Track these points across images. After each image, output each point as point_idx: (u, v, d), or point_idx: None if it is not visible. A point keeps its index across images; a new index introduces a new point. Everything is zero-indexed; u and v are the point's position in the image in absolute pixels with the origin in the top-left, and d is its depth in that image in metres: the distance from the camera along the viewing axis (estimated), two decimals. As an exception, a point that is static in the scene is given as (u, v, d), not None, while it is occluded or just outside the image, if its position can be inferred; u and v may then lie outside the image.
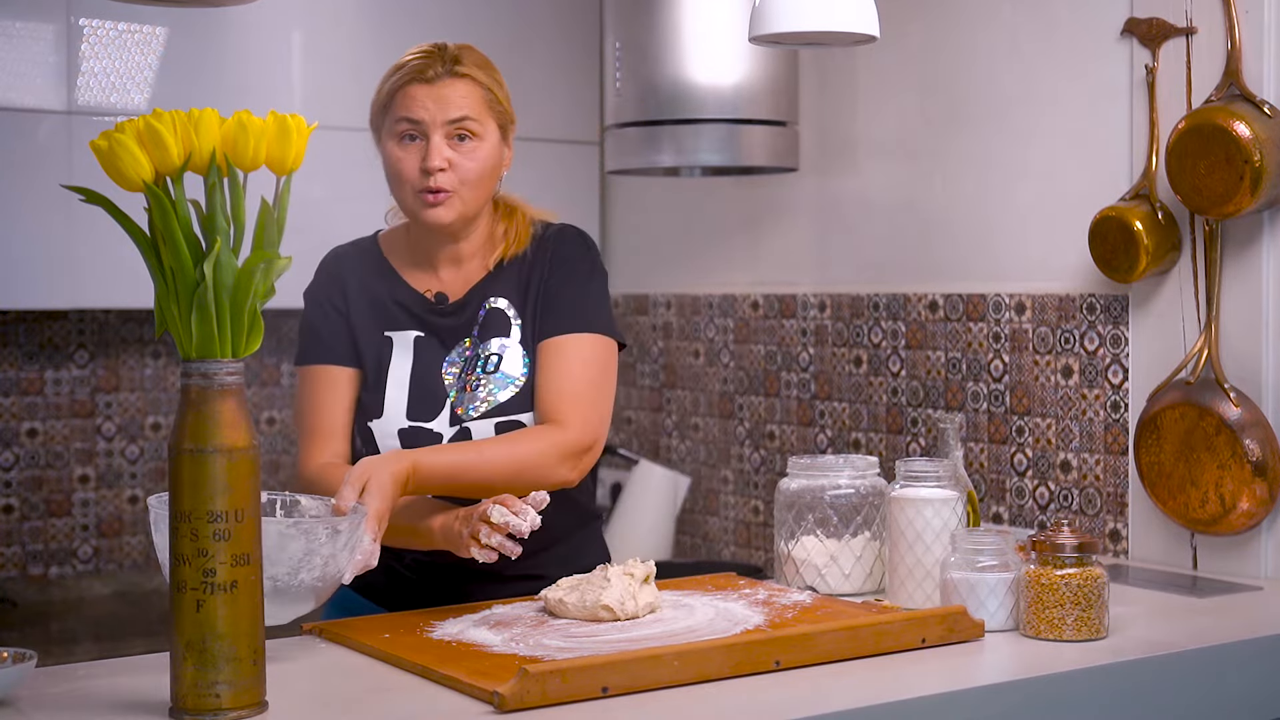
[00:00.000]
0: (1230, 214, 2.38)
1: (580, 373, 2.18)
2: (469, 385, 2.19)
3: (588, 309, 2.22)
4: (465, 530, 2.00)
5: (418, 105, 2.14)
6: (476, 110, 2.16)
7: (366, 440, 2.19)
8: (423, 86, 2.14)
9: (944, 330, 2.98)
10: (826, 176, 3.28)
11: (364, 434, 2.20)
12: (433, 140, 2.13)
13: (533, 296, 2.22)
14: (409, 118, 2.14)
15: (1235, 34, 2.42)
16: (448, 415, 2.18)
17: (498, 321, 2.22)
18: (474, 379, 2.20)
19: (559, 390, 2.17)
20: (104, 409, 3.58)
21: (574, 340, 2.19)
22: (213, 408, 1.59)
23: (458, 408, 2.18)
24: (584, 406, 2.16)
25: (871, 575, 2.29)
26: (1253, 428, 2.39)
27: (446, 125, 2.14)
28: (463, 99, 2.15)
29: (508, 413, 2.18)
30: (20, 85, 3.16)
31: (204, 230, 1.60)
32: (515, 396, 2.19)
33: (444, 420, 2.18)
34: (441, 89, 2.14)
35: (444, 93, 2.14)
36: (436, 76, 2.14)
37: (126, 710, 1.66)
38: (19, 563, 3.49)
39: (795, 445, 3.34)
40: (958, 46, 2.96)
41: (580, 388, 2.17)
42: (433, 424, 2.18)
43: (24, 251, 3.16)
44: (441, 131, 2.14)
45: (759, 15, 2.25)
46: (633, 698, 1.68)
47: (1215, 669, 1.99)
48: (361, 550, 1.91)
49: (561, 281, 2.22)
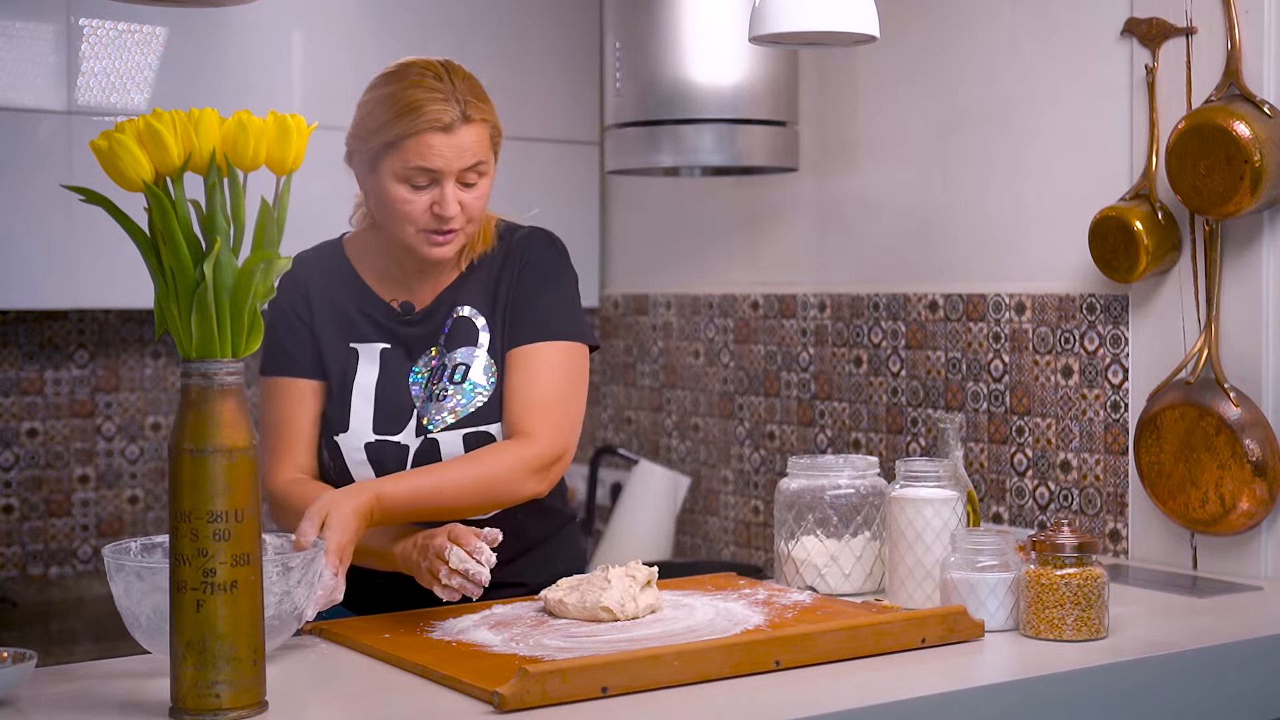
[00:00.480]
0: (1230, 214, 2.38)
1: (549, 381, 2.15)
2: (435, 395, 2.16)
3: (555, 316, 2.18)
4: (423, 563, 1.98)
5: (434, 154, 2.05)
6: (485, 151, 2.10)
7: (333, 454, 2.17)
8: (440, 135, 2.05)
9: (944, 330, 2.98)
10: (826, 176, 3.28)
11: (330, 448, 2.17)
12: (447, 189, 2.07)
13: (501, 305, 2.19)
14: (425, 167, 2.06)
15: (1235, 34, 2.42)
16: (414, 426, 2.15)
17: (465, 330, 2.19)
18: (440, 389, 2.16)
19: (526, 401, 2.13)
20: (104, 409, 3.58)
21: (543, 349, 2.16)
22: (213, 408, 1.59)
23: (423, 418, 2.15)
24: (553, 416, 2.13)
25: (871, 575, 2.29)
26: (1253, 428, 2.39)
27: (460, 172, 2.08)
28: (476, 144, 2.08)
29: (475, 423, 2.14)
30: (20, 85, 3.16)
31: (204, 230, 1.60)
32: (483, 407, 2.15)
33: (410, 432, 2.15)
34: (458, 137, 2.06)
35: (460, 141, 2.06)
36: (453, 123, 2.05)
37: (126, 710, 1.66)
38: (19, 563, 3.49)
39: (795, 445, 3.34)
40: (958, 46, 2.96)
41: (549, 396, 2.14)
42: (399, 437, 2.15)
43: (24, 251, 3.16)
44: (454, 178, 2.08)
45: (759, 15, 2.25)
46: (633, 698, 1.68)
47: (1215, 669, 1.99)
48: (323, 586, 1.88)
49: (530, 289, 2.19)
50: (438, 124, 2.05)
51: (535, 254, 2.21)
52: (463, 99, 2.07)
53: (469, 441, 2.14)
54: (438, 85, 2.07)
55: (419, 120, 2.05)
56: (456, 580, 1.94)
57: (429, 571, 1.97)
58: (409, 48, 3.46)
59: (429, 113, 2.05)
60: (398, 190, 2.08)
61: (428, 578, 1.97)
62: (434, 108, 2.05)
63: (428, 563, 1.97)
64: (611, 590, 2.00)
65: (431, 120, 2.05)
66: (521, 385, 2.14)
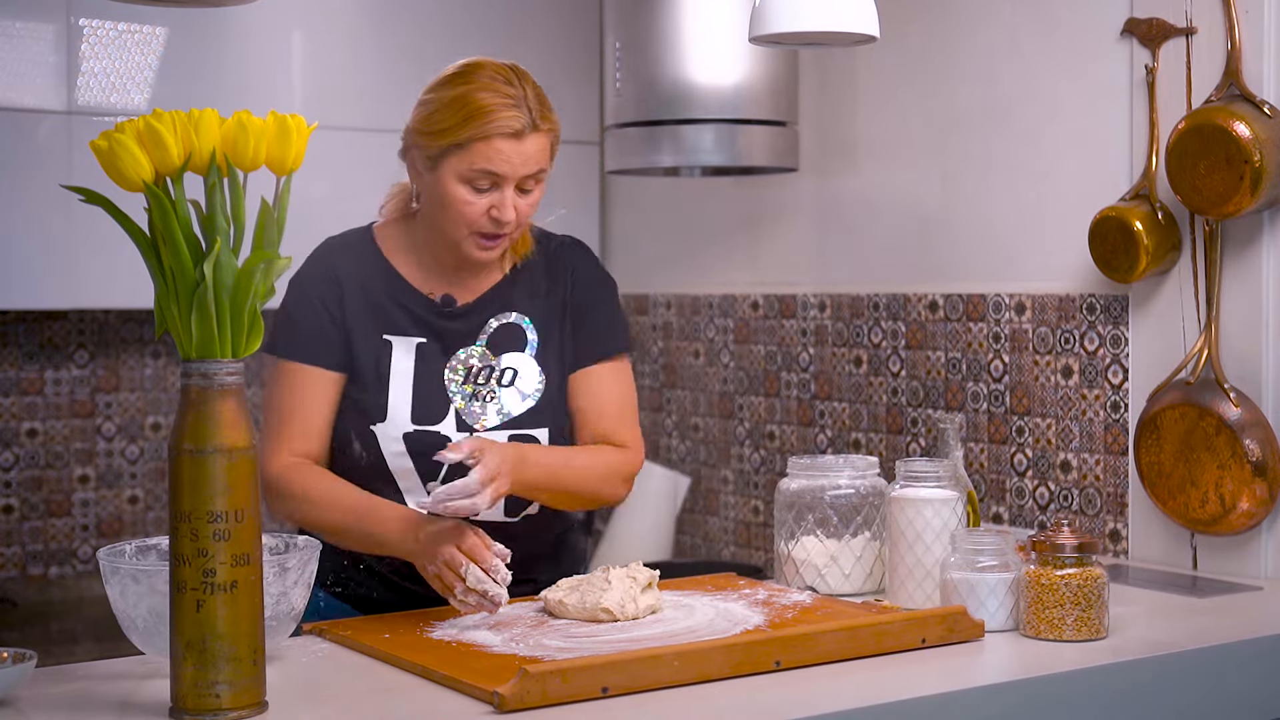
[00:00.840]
0: (1230, 214, 2.38)
1: (624, 394, 2.26)
2: (481, 396, 2.17)
3: (620, 328, 2.29)
4: (431, 568, 1.97)
5: (501, 160, 2.06)
6: (546, 160, 2.13)
7: (368, 444, 2.15)
8: (509, 142, 2.06)
9: (944, 330, 2.98)
10: (826, 176, 3.28)
11: (364, 438, 2.15)
12: (507, 193, 2.09)
13: (555, 315, 2.22)
14: (491, 171, 2.07)
15: (1235, 34, 2.42)
16: (453, 419, 2.16)
17: (512, 335, 2.21)
18: (487, 390, 2.18)
19: (613, 415, 2.23)
20: (104, 409, 3.58)
21: (615, 362, 2.26)
22: (213, 408, 1.59)
23: (465, 416, 2.16)
24: (635, 427, 2.26)
25: (871, 575, 2.29)
26: (1253, 428, 2.39)
27: (521, 179, 2.09)
28: (540, 152, 2.10)
29: (521, 426, 2.17)
30: (20, 85, 3.16)
31: (204, 230, 1.60)
32: (530, 411, 2.18)
33: (449, 425, 2.16)
34: (526, 145, 2.07)
35: (527, 148, 2.08)
36: (523, 130, 2.07)
37: (126, 710, 1.66)
38: (19, 563, 3.49)
39: (795, 445, 3.34)
40: (958, 46, 2.96)
41: (627, 409, 2.25)
42: (439, 427, 2.16)
43: (24, 251, 3.16)
44: (514, 183, 2.09)
45: (759, 15, 2.25)
46: (633, 698, 1.68)
47: (1215, 669, 1.99)
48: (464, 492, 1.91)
49: (592, 305, 2.25)
50: (508, 130, 2.06)
51: (585, 265, 2.28)
52: (533, 106, 2.08)
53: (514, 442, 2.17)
54: (509, 90, 2.08)
55: (489, 125, 2.06)
56: (474, 598, 1.94)
57: (439, 580, 1.96)
58: (409, 47, 3.49)
59: (500, 118, 2.06)
60: (459, 190, 2.09)
61: (438, 584, 1.97)
62: (506, 114, 2.06)
63: (436, 569, 1.96)
64: (612, 591, 2.00)
65: (502, 126, 2.06)
66: (604, 400, 2.23)
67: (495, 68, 2.10)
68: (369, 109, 3.39)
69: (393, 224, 2.26)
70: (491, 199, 2.09)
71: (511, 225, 2.11)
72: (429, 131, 2.10)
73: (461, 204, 2.09)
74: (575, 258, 2.28)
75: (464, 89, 2.08)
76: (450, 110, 2.08)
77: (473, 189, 2.09)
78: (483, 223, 2.10)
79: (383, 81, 3.43)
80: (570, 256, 2.27)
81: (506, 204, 2.09)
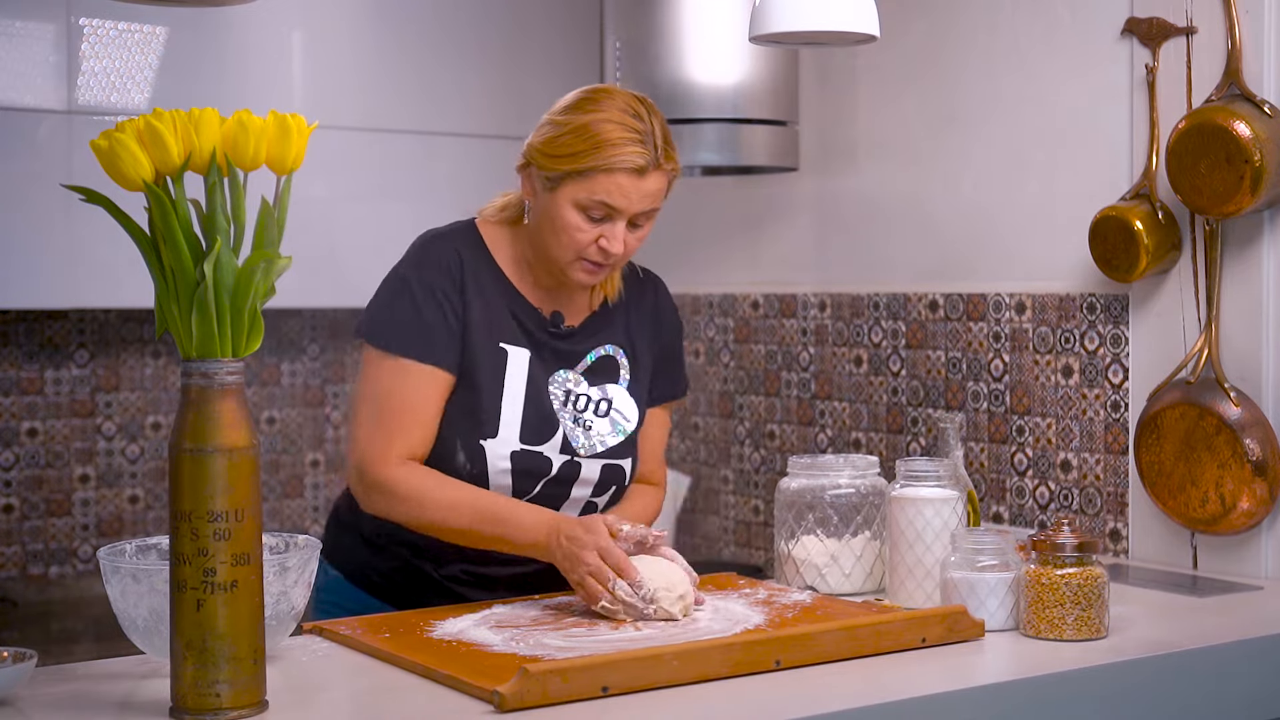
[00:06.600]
0: (1230, 214, 2.38)
1: (665, 436, 2.37)
2: (581, 423, 2.19)
3: (683, 376, 2.40)
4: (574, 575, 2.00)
5: (620, 195, 2.07)
6: (662, 198, 2.13)
7: (475, 458, 2.12)
8: (631, 178, 2.06)
9: (944, 330, 2.98)
10: (826, 176, 3.28)
11: (472, 451, 2.12)
12: (618, 227, 2.09)
13: (644, 350, 2.27)
14: (608, 204, 2.07)
15: (1235, 34, 2.42)
16: (559, 443, 2.16)
17: (608, 366, 2.23)
18: (586, 418, 2.19)
19: (656, 457, 2.33)
20: (104, 409, 3.58)
21: (672, 405, 2.37)
22: (213, 407, 1.59)
23: (572, 442, 2.18)
24: (665, 466, 2.39)
25: (871, 575, 2.29)
26: (1253, 427, 2.39)
27: (636, 214, 2.10)
28: (658, 191, 2.11)
29: (615, 457, 2.22)
30: (20, 85, 3.16)
31: (204, 230, 1.60)
32: (622, 443, 2.22)
33: (554, 447, 2.16)
34: (646, 183, 2.08)
35: (647, 186, 2.08)
36: (646, 167, 2.07)
37: (126, 710, 1.66)
38: (19, 563, 3.49)
39: (795, 445, 3.34)
40: (958, 46, 2.96)
41: (662, 449, 2.36)
42: (544, 448, 2.15)
43: (24, 251, 3.16)
44: (627, 217, 2.10)
45: (759, 15, 2.25)
46: (633, 697, 1.68)
47: (1215, 669, 1.99)
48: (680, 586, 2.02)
49: (674, 349, 2.35)
50: (631, 165, 2.06)
51: (669, 306, 2.36)
52: (659, 144, 2.08)
53: (605, 471, 2.21)
54: (637, 125, 2.07)
55: (614, 158, 2.06)
56: (620, 607, 1.98)
57: (582, 586, 2.00)
58: (409, 47, 3.49)
59: (626, 153, 2.06)
60: (573, 217, 2.09)
61: (581, 591, 2.01)
62: (631, 149, 2.06)
63: (578, 575, 1.99)
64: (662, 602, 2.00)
65: (626, 161, 2.06)
66: (656, 440, 2.33)
67: (626, 99, 2.10)
68: (369, 109, 3.39)
69: (499, 227, 2.22)
70: (603, 229, 2.09)
71: (617, 257, 2.12)
72: (552, 154, 2.09)
73: (574, 230, 2.09)
74: (662, 295, 2.34)
75: (593, 117, 2.07)
76: (577, 137, 2.07)
77: (587, 217, 2.08)
78: (590, 251, 2.10)
79: (383, 81, 3.43)
80: (658, 294, 2.34)
81: (617, 237, 2.09)
